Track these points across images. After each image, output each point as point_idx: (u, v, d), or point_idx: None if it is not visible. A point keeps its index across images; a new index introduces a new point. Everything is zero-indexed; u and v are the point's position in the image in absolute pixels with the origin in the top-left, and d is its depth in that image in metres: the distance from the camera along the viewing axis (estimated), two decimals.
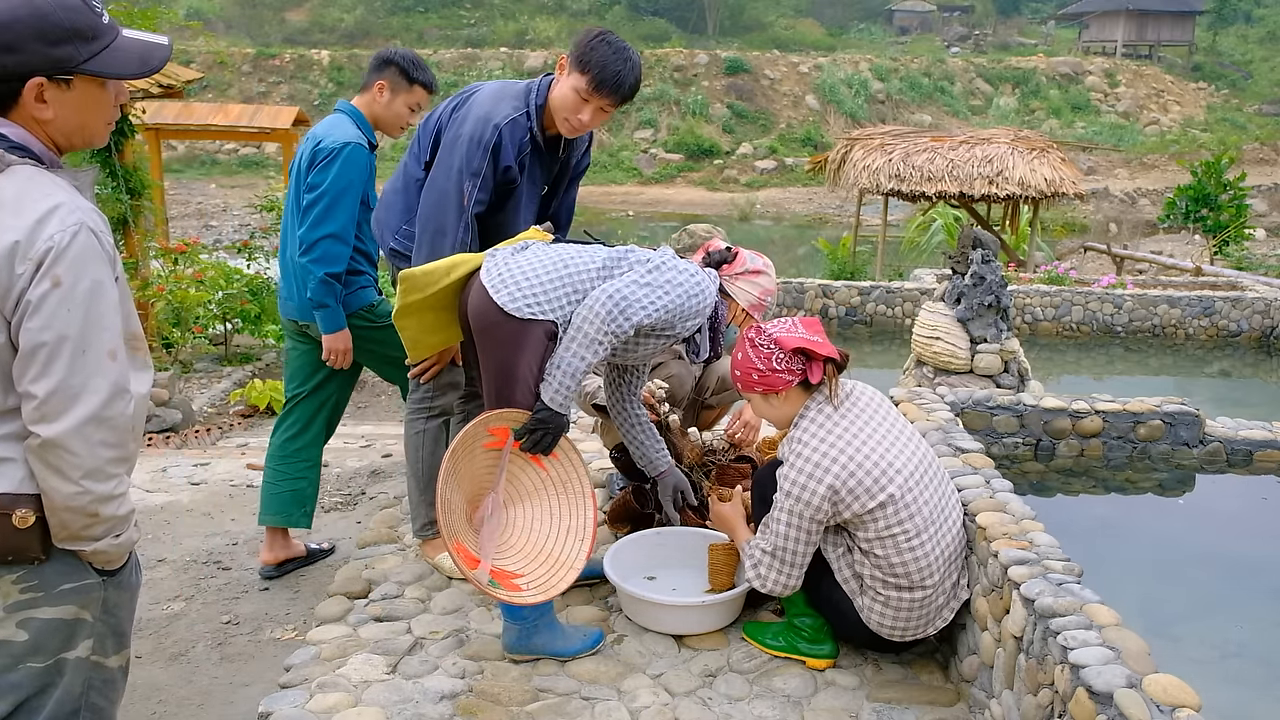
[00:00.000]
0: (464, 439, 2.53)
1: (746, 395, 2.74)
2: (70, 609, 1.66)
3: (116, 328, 1.60)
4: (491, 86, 2.91)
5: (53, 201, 1.57)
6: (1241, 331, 9.43)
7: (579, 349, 2.54)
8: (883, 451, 2.54)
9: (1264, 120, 34.99)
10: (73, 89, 1.61)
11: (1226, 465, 3.74)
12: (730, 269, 2.88)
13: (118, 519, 1.65)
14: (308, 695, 2.52)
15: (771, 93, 33.11)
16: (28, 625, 1.63)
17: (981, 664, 2.46)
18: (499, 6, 32.66)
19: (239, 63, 31.15)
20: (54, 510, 1.61)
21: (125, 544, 1.69)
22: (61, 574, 1.64)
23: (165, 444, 5.68)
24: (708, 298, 2.72)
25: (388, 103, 3.31)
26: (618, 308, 2.53)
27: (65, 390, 1.56)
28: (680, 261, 2.72)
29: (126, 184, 7.29)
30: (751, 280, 2.90)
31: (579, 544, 2.71)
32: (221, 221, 21.08)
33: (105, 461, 1.59)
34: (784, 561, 2.63)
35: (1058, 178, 11.26)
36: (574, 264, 2.63)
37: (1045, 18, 48.28)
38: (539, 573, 2.65)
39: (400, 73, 3.29)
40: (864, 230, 14.01)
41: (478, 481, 2.65)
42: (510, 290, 2.54)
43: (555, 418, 2.60)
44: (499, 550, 2.64)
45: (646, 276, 2.61)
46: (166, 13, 9.13)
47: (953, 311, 5.57)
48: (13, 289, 1.54)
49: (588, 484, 2.76)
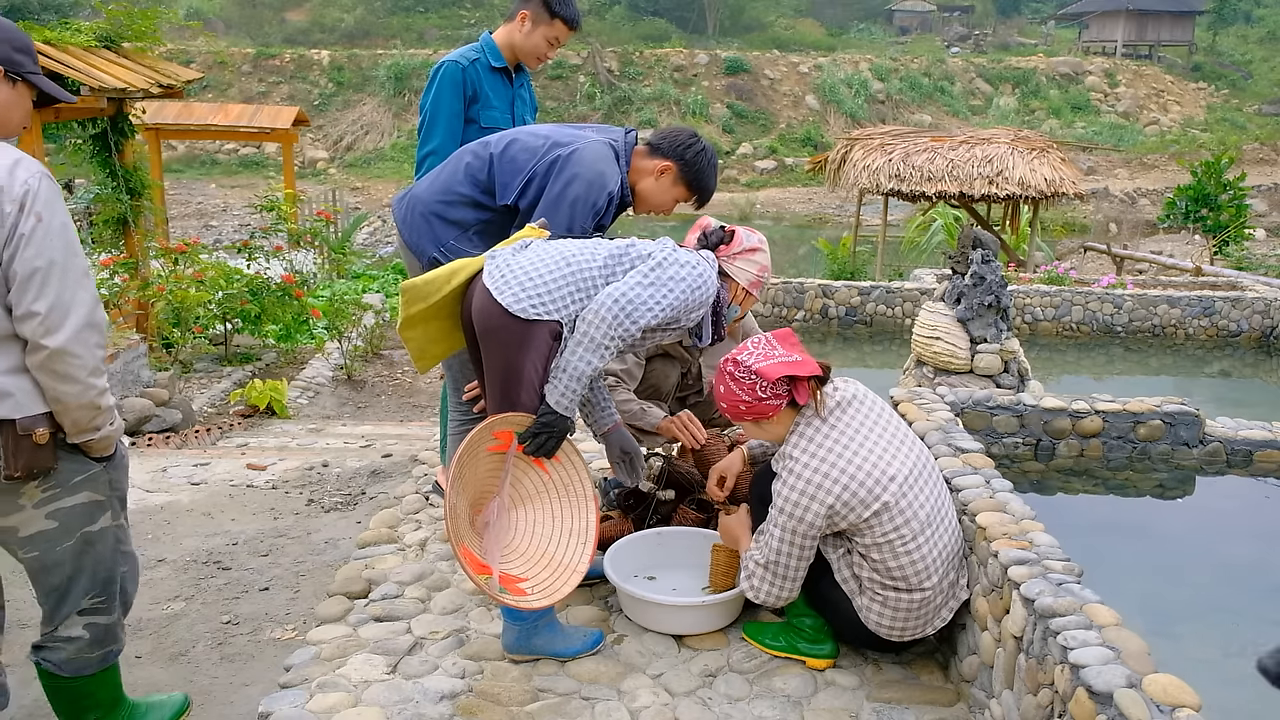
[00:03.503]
0: (470, 445, 2.52)
1: (737, 423, 2.75)
2: (85, 494, 2.11)
3: (83, 252, 1.99)
4: (592, 148, 2.90)
5: (14, 155, 1.97)
6: (1241, 331, 9.43)
7: (585, 353, 2.52)
8: (875, 459, 2.54)
9: (1264, 120, 34.98)
10: (17, 89, 2.09)
11: (1226, 465, 3.74)
12: (728, 249, 2.86)
13: (109, 409, 2.07)
14: (308, 695, 2.52)
15: (771, 93, 33.10)
16: (56, 515, 2.09)
17: (981, 664, 2.46)
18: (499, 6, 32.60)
19: (239, 63, 31.13)
20: (67, 411, 1.99)
21: (117, 430, 2.11)
22: (71, 470, 2.08)
23: (165, 444, 5.68)
24: (710, 287, 2.71)
25: (528, 33, 3.37)
26: (624, 311, 2.52)
27: (61, 305, 1.92)
28: (681, 253, 2.71)
29: (126, 184, 7.29)
30: (749, 259, 2.88)
31: (581, 547, 2.71)
32: (221, 221, 21.09)
33: (99, 360, 1.99)
34: (777, 574, 2.64)
35: (1058, 178, 11.26)
36: (577, 261, 2.61)
37: (1045, 18, 48.26)
38: (542, 576, 2.65)
39: (543, 4, 3.34)
40: (864, 230, 14.01)
41: (481, 485, 2.65)
42: (515, 290, 2.53)
43: (559, 421, 2.58)
44: (503, 555, 2.64)
45: (650, 275, 2.60)
46: (166, 13, 9.12)
47: (953, 311, 5.57)
48: (3, 225, 1.90)
49: (589, 486, 2.76)
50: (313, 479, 4.63)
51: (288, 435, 6.16)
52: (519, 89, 3.55)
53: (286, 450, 5.42)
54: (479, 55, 3.41)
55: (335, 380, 7.84)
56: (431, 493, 3.87)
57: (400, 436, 5.83)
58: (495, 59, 3.42)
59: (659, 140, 2.98)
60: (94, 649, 2.28)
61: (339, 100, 31.02)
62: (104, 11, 7.14)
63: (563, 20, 3.37)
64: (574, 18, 3.40)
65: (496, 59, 3.42)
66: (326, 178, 26.29)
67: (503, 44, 3.43)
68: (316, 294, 9.43)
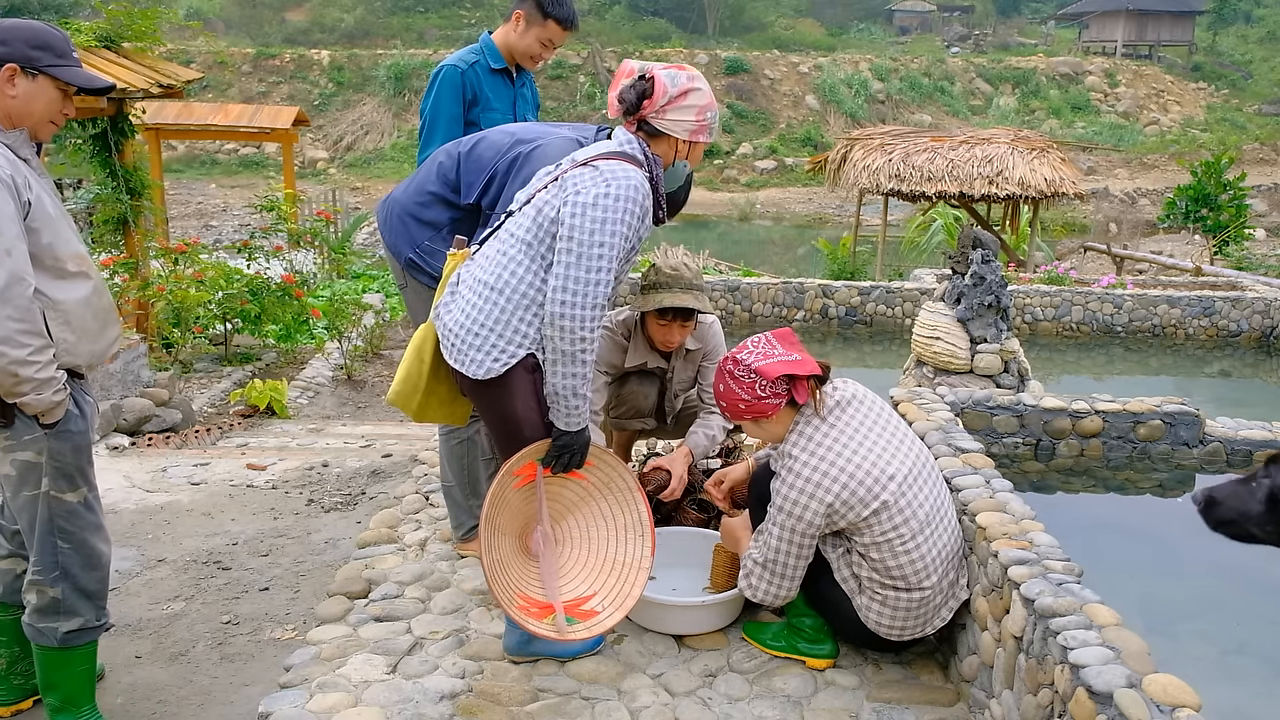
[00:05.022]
0: (493, 498, 2.46)
1: (736, 422, 2.73)
2: (30, 453, 2.34)
3: (11, 233, 2.17)
4: (554, 144, 2.76)
5: None
6: (1241, 331, 9.43)
7: (566, 369, 2.42)
8: (874, 458, 2.54)
9: (1264, 120, 34.98)
10: (35, 82, 2.29)
11: (1226, 465, 3.74)
12: (652, 103, 2.52)
13: (38, 381, 2.24)
14: (308, 695, 2.52)
15: (771, 93, 33.11)
16: (14, 464, 2.35)
17: (981, 664, 2.46)
18: (499, 6, 32.60)
19: (239, 63, 31.14)
20: None
21: (47, 402, 2.28)
22: (24, 428, 2.32)
23: (165, 444, 5.68)
24: (638, 194, 2.43)
25: (521, 34, 3.38)
26: (574, 307, 2.37)
27: None
28: (586, 187, 2.42)
29: (126, 184, 7.29)
30: (680, 106, 2.54)
31: (640, 541, 2.68)
32: (221, 221, 21.08)
33: (15, 332, 2.18)
34: (775, 574, 2.64)
35: (1058, 178, 11.26)
36: (505, 283, 2.45)
37: (1045, 18, 48.26)
38: (609, 584, 2.63)
39: (536, 5, 3.34)
40: (864, 230, 14.01)
41: (521, 520, 2.60)
42: (469, 354, 2.45)
43: (575, 439, 2.52)
44: (563, 576, 2.61)
45: (574, 250, 2.37)
46: (167, 13, 9.11)
47: (953, 311, 5.57)
48: None
49: (631, 478, 2.71)
50: (313, 479, 4.62)
51: (288, 435, 6.15)
52: (520, 88, 3.54)
53: (286, 450, 5.42)
54: (479, 57, 3.40)
55: (335, 380, 7.84)
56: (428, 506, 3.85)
57: (400, 436, 5.83)
58: (495, 60, 3.42)
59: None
60: (40, 619, 2.43)
61: (339, 100, 31.03)
62: (104, 11, 7.13)
63: (556, 20, 3.35)
64: (567, 18, 3.37)
65: (496, 60, 3.42)
66: (326, 178, 26.29)
67: (501, 45, 3.43)
68: (316, 294, 9.43)
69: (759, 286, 9.63)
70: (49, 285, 2.28)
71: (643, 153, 2.54)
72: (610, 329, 3.44)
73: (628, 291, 9.89)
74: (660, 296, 3.23)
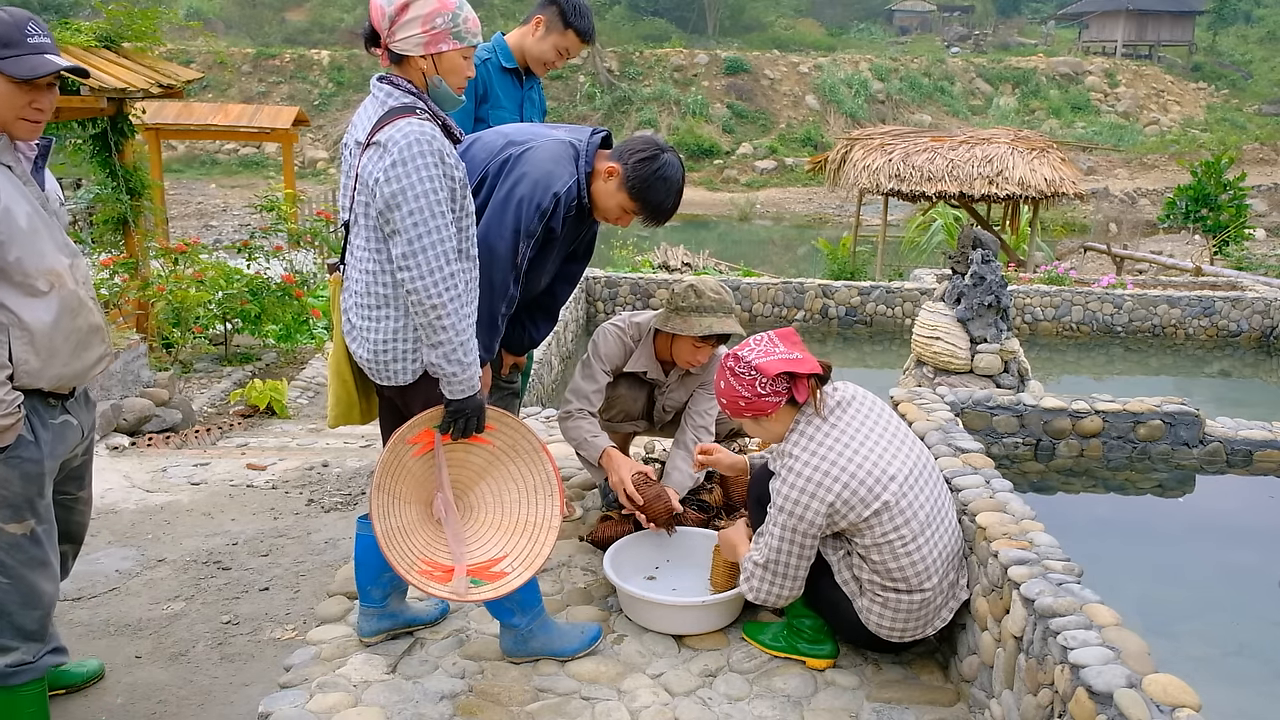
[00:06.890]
0: (385, 466, 2.45)
1: (736, 420, 2.72)
2: None
3: None
4: (546, 147, 2.75)
5: None
6: (1241, 331, 9.44)
7: (432, 338, 2.36)
8: (875, 459, 2.53)
9: (1264, 120, 34.99)
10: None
11: (1226, 465, 3.74)
12: (380, 30, 2.36)
13: None
14: (308, 695, 2.52)
15: (771, 93, 33.12)
16: None
17: (981, 664, 2.46)
18: (499, 6, 32.58)
19: (239, 63, 31.15)
20: None
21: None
22: None
23: (165, 444, 5.68)
24: (424, 136, 2.29)
25: (539, 39, 3.39)
26: (419, 280, 2.30)
27: None
28: (374, 155, 2.32)
29: (126, 184, 7.29)
30: (403, 23, 2.33)
31: (549, 500, 2.65)
32: (221, 221, 21.08)
33: None
34: (775, 574, 2.63)
35: (1058, 178, 11.27)
36: (377, 292, 2.42)
37: (1045, 18, 48.28)
38: (520, 545, 2.60)
39: (559, 13, 3.35)
40: (864, 230, 14.02)
41: (426, 485, 2.58)
42: (393, 369, 2.43)
43: (466, 404, 2.46)
44: (471, 540, 2.59)
45: (398, 226, 2.30)
46: (166, 13, 9.11)
47: (953, 311, 5.58)
48: None
49: (536, 440, 2.67)
50: (313, 479, 4.63)
51: (288, 435, 6.15)
52: (529, 91, 3.55)
53: (286, 450, 5.42)
54: (490, 55, 3.42)
55: None
56: None
57: None
58: (506, 60, 3.43)
59: (621, 143, 2.79)
60: None
61: (339, 100, 31.03)
62: (104, 11, 7.13)
63: (576, 31, 3.37)
64: (587, 30, 3.39)
65: (508, 60, 3.43)
66: (326, 178, 26.29)
67: (514, 46, 3.44)
68: (316, 294, 9.43)
69: (759, 286, 9.64)
70: (16, 302, 2.13)
71: (406, 94, 2.38)
72: (620, 328, 3.43)
73: (628, 293, 9.91)
74: (707, 321, 3.22)
